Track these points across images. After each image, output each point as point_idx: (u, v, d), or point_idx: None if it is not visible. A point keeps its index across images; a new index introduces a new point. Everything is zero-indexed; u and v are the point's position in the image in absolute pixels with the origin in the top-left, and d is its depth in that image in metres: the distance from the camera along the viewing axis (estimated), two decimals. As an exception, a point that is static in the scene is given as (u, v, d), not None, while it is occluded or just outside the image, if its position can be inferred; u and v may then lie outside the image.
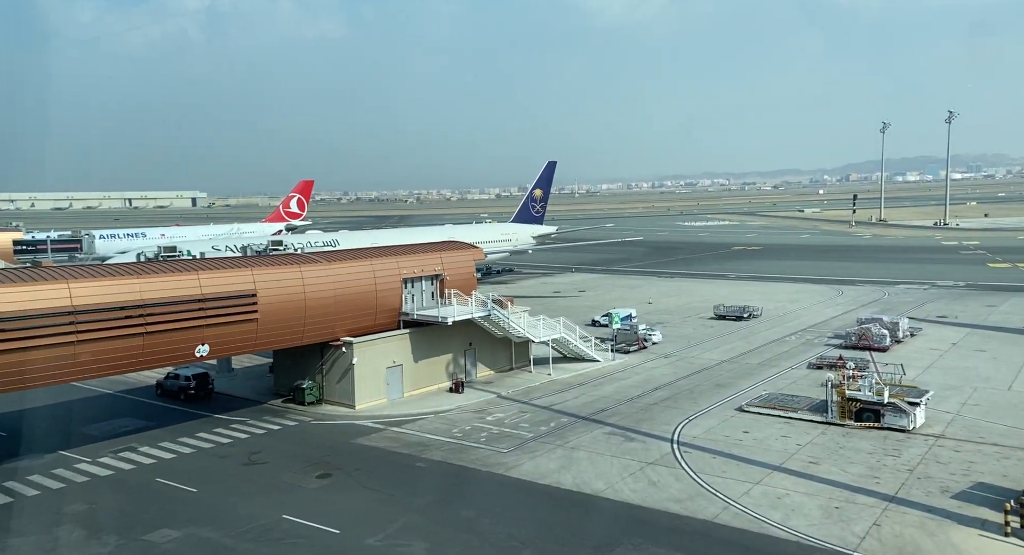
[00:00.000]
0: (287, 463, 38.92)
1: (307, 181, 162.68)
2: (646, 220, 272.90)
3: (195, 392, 51.18)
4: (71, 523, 32.22)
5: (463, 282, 55.22)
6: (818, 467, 36.93)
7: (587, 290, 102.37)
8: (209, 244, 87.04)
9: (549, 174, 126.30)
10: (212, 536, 30.77)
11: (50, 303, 35.94)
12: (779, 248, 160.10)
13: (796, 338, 68.65)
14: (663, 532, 30.26)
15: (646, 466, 37.48)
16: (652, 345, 65.43)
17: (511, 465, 37.91)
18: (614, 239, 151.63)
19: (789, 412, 44.93)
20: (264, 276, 44.89)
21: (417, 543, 29.70)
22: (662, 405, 48.00)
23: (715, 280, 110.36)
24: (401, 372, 50.49)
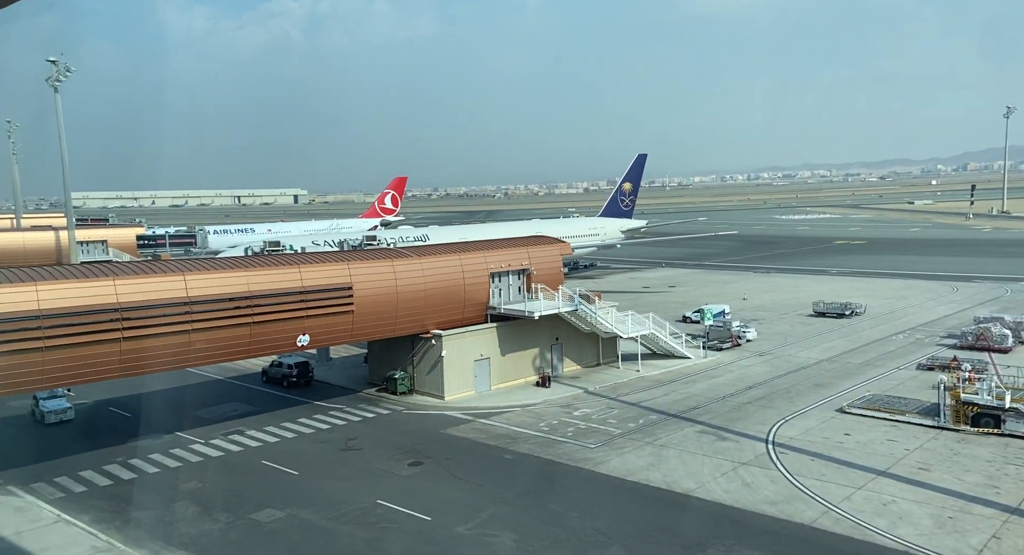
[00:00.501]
0: (381, 450, 40.31)
1: (400, 178, 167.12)
2: (741, 213, 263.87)
3: (297, 380, 53.81)
4: (186, 500, 34.65)
5: (550, 277, 55.31)
6: (929, 474, 34.78)
7: (678, 285, 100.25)
8: (309, 239, 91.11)
9: (639, 167, 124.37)
10: (312, 517, 32.32)
11: (169, 294, 38.69)
12: (886, 242, 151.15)
13: (904, 337, 64.75)
14: (757, 535, 29.35)
15: (739, 466, 36.43)
16: (746, 342, 63.40)
17: (599, 461, 37.75)
18: (707, 233, 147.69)
19: (896, 415, 42.48)
20: (359, 270, 46.55)
21: (505, 534, 30.11)
22: (756, 404, 46.47)
23: (815, 276, 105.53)
24: (488, 365, 51.19)
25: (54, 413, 46.13)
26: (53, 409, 46.25)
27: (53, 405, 46.66)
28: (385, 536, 30.32)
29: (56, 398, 47.26)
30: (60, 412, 46.38)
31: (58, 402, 46.93)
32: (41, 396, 46.75)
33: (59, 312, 35.07)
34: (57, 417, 46.06)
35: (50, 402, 46.82)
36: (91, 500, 34.86)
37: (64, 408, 46.63)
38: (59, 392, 47.23)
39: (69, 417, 46.43)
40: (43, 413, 46.18)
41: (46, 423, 45.71)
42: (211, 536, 30.88)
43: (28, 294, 34.75)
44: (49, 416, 45.95)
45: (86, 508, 33.83)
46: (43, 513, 33.37)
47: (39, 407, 46.82)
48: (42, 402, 46.82)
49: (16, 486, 36.32)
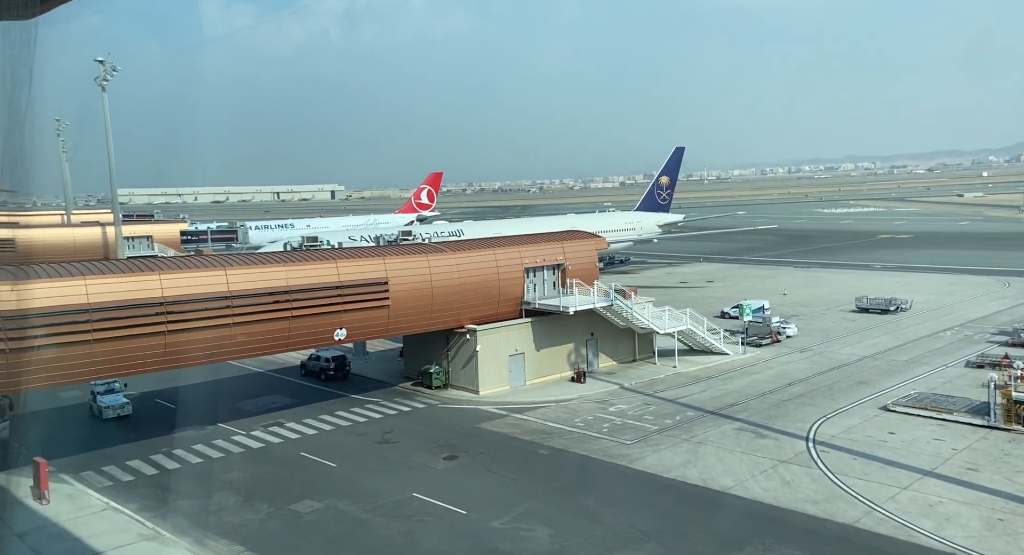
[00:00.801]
0: (416, 444, 40.64)
1: (436, 173, 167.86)
2: (781, 207, 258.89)
3: (334, 373, 54.56)
4: (229, 490, 35.44)
5: (585, 271, 55.01)
6: (978, 474, 33.71)
7: (716, 281, 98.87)
8: (346, 234, 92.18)
9: (676, 160, 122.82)
10: (349, 509, 32.76)
11: (211, 289, 39.54)
12: (933, 236, 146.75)
13: (952, 334, 62.83)
14: (797, 533, 28.82)
15: (779, 464, 35.79)
16: (786, 338, 62.22)
17: (635, 457, 37.48)
18: (746, 227, 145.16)
19: (943, 413, 41.26)
20: (395, 265, 46.93)
21: (540, 528, 30.10)
22: (797, 401, 45.60)
23: (858, 270, 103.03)
24: (523, 360, 51.18)
25: (112, 408, 46.51)
26: (111, 404, 46.61)
27: (110, 400, 47.00)
28: (421, 529, 30.58)
29: (113, 393, 47.70)
30: (118, 407, 46.74)
31: (115, 397, 47.29)
32: (98, 391, 47.37)
33: (107, 306, 36.11)
34: (115, 412, 46.47)
35: (107, 397, 47.18)
36: (138, 489, 35.89)
37: (121, 403, 46.96)
38: (116, 386, 47.68)
39: (127, 412, 46.81)
40: (101, 408, 46.61)
41: (104, 418, 46.26)
42: (252, 526, 31.53)
43: (78, 288, 35.86)
44: (107, 411, 46.38)
45: (133, 496, 34.83)
46: (92, 501, 34.47)
47: (96, 402, 47.26)
48: (99, 397, 47.22)
49: (67, 474, 37.56)
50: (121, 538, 30.38)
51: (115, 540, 30.17)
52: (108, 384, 47.42)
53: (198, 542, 30.15)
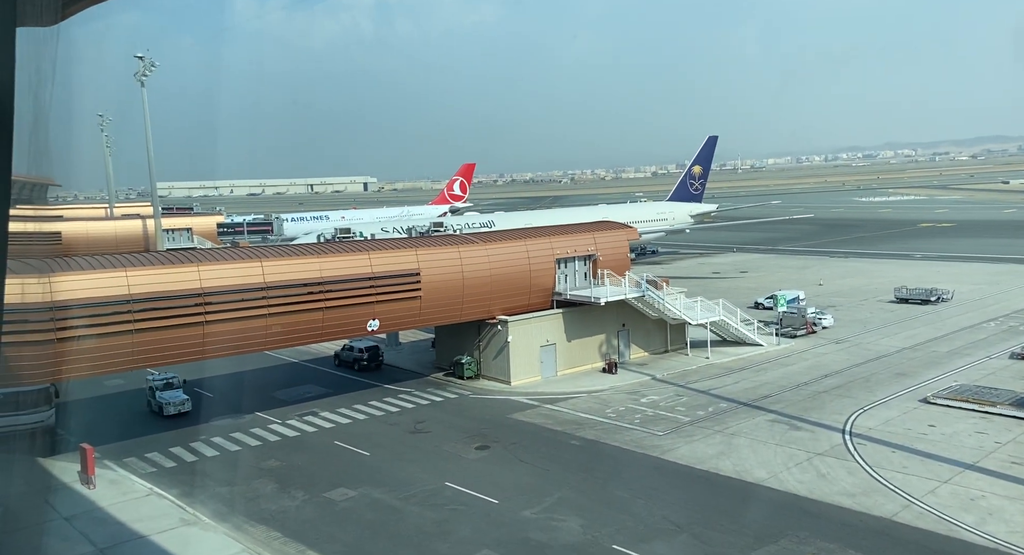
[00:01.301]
0: (448, 433, 40.99)
1: (469, 164, 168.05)
2: (817, 196, 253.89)
3: (367, 363, 55.23)
4: (266, 477, 36.21)
5: (616, 262, 54.71)
6: (1023, 469, 32.84)
7: (749, 271, 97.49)
8: (378, 226, 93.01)
9: (709, 150, 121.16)
10: (383, 497, 33.23)
11: (248, 280, 40.29)
12: (976, 224, 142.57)
13: (996, 325, 61.12)
14: (834, 527, 28.44)
15: (814, 457, 35.31)
16: (822, 330, 61.19)
17: (667, 448, 37.31)
18: (781, 217, 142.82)
19: (986, 406, 40.23)
20: (426, 256, 47.24)
21: (572, 519, 30.18)
22: (833, 393, 44.87)
23: (897, 260, 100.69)
24: (554, 351, 51.19)
25: (173, 405, 45.12)
26: (171, 401, 45.25)
27: (171, 396, 45.70)
28: (454, 517, 30.88)
29: (172, 388, 46.36)
30: (179, 404, 45.29)
31: (175, 394, 45.95)
32: (156, 385, 46.27)
33: (147, 297, 37.05)
34: (176, 409, 45.05)
35: (167, 394, 45.91)
36: (179, 475, 36.87)
37: (182, 399, 45.53)
38: (174, 381, 46.57)
39: (187, 409, 45.38)
40: (161, 405, 45.32)
41: (165, 415, 44.93)
42: (288, 513, 32.18)
43: (119, 280, 36.84)
44: (168, 408, 45.01)
45: (175, 482, 35.80)
46: (136, 486, 35.52)
47: (156, 399, 45.99)
48: (159, 394, 45.88)
49: (111, 461, 38.74)
50: (164, 523, 31.28)
51: (158, 525, 31.07)
52: (165, 379, 46.56)
53: (237, 528, 30.89)
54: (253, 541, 29.55)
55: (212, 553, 28.37)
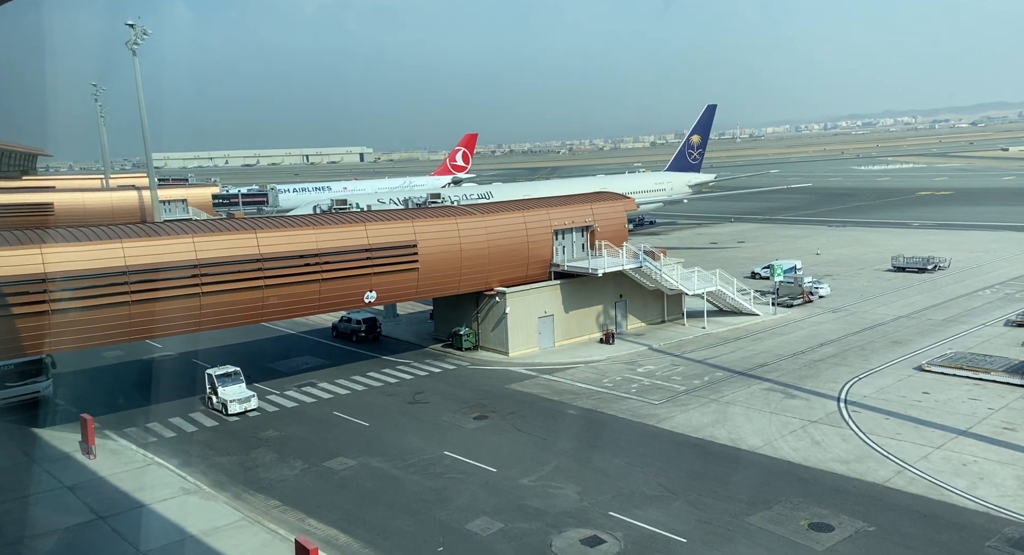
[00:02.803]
0: (447, 404, 41.27)
1: (471, 134, 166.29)
2: (816, 165, 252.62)
3: (365, 335, 55.37)
4: (265, 447, 36.51)
5: (614, 233, 54.55)
6: (1015, 434, 33.26)
7: (747, 241, 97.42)
8: (375, 198, 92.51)
9: (708, 119, 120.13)
10: (382, 466, 33.56)
11: (242, 251, 40.12)
12: (975, 192, 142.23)
13: (991, 292, 61.34)
14: (827, 493, 28.83)
15: (808, 424, 35.66)
16: (819, 299, 61.36)
17: (663, 417, 37.63)
18: (779, 186, 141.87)
19: (980, 373, 40.55)
20: (424, 228, 47.02)
21: (569, 486, 30.55)
22: (828, 362, 45.15)
23: (895, 229, 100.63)
24: (552, 322, 51.31)
25: (238, 402, 40.05)
26: (236, 398, 40.13)
27: (235, 392, 40.41)
28: (452, 486, 31.24)
29: (235, 382, 41.03)
30: (244, 400, 40.27)
31: (239, 389, 40.85)
32: (216, 378, 40.84)
33: (144, 268, 36.92)
34: (242, 407, 40.09)
35: (232, 389, 40.55)
36: (179, 445, 37.17)
37: (247, 395, 40.61)
38: (234, 372, 41.47)
39: (253, 406, 40.66)
40: (225, 403, 40.05)
41: (228, 413, 39.90)
42: (287, 482, 32.52)
43: (115, 251, 36.67)
44: (232, 406, 39.94)
45: (175, 452, 36.10)
46: (136, 456, 35.82)
47: (218, 396, 40.52)
48: (222, 389, 40.40)
49: (111, 430, 39.01)
50: (164, 492, 31.62)
51: (159, 494, 31.40)
52: (225, 370, 41.36)
53: (236, 496, 31.24)
54: (252, 509, 29.91)
55: (212, 521, 28.72)
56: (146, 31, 69.06)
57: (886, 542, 25.29)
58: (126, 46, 69.01)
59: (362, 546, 26.90)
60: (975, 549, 24.68)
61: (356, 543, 27.13)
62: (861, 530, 26.09)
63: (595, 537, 26.55)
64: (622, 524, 27.29)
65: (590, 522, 27.56)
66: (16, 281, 33.98)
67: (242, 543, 27.08)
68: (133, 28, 68.44)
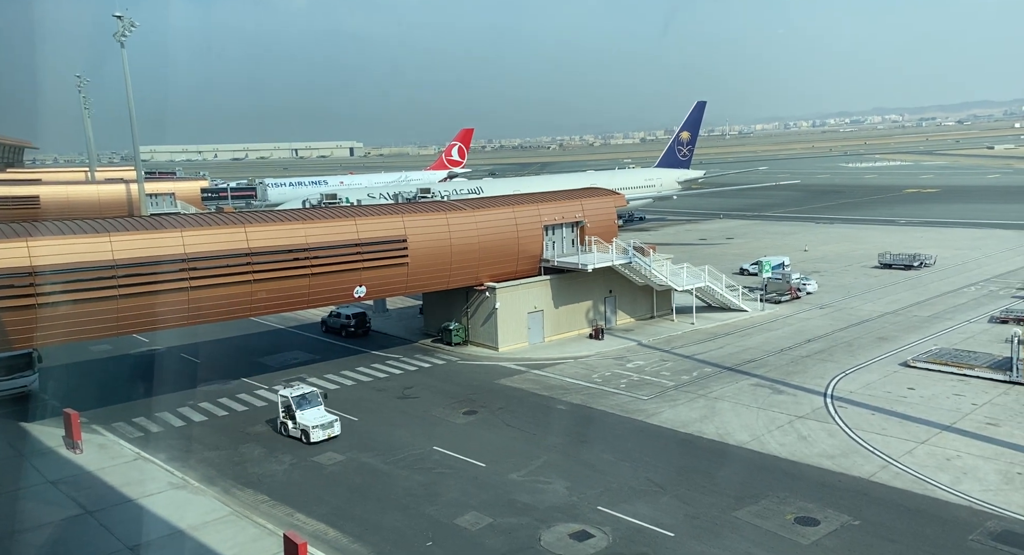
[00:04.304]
0: (436, 399, 41.30)
1: (467, 129, 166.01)
2: (804, 162, 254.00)
3: (355, 330, 55.27)
4: (253, 442, 36.40)
5: (604, 229, 54.68)
6: (997, 429, 33.69)
7: (736, 237, 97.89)
8: (365, 192, 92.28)
9: (698, 115, 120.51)
10: (371, 461, 33.56)
11: (231, 245, 39.91)
12: (961, 190, 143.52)
13: (976, 289, 62.00)
14: (813, 487, 29.12)
15: (795, 420, 35.97)
16: (806, 295, 61.82)
17: (651, 412, 37.83)
18: (767, 183, 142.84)
19: (964, 369, 41.02)
20: (414, 223, 46.94)
21: (558, 481, 30.68)
22: (815, 358, 45.52)
23: (882, 226, 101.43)
24: (542, 317, 51.41)
25: (320, 429, 35.15)
26: (318, 424, 35.24)
27: (315, 417, 35.51)
28: (441, 481, 31.29)
29: (313, 404, 36.11)
30: (327, 426, 35.41)
31: (319, 413, 35.93)
32: (292, 399, 35.77)
33: (131, 262, 36.65)
34: (324, 434, 35.21)
35: (311, 413, 35.68)
36: (167, 440, 37.00)
37: (330, 420, 35.69)
38: (310, 394, 36.60)
39: (337, 432, 35.75)
40: (305, 430, 35.16)
41: (310, 441, 34.99)
42: (276, 476, 32.47)
43: (103, 244, 36.38)
44: (315, 433, 35.03)
45: (163, 447, 35.94)
46: (124, 451, 35.63)
47: (296, 422, 35.52)
48: (301, 413, 35.51)
49: (98, 425, 38.78)
50: (151, 486, 31.47)
51: (146, 488, 31.27)
52: (300, 390, 36.60)
53: (225, 491, 31.15)
54: (241, 504, 29.85)
55: (201, 516, 28.64)
56: (134, 23, 68.39)
57: (871, 536, 25.59)
58: (113, 38, 68.35)
59: (351, 541, 26.92)
60: (958, 542, 25.02)
61: (345, 538, 27.15)
62: (846, 524, 26.38)
63: (584, 532, 26.70)
64: (610, 518, 27.45)
65: (579, 517, 27.70)
66: (2, 274, 33.67)
67: (230, 538, 27.04)
68: (120, 19, 67.77)
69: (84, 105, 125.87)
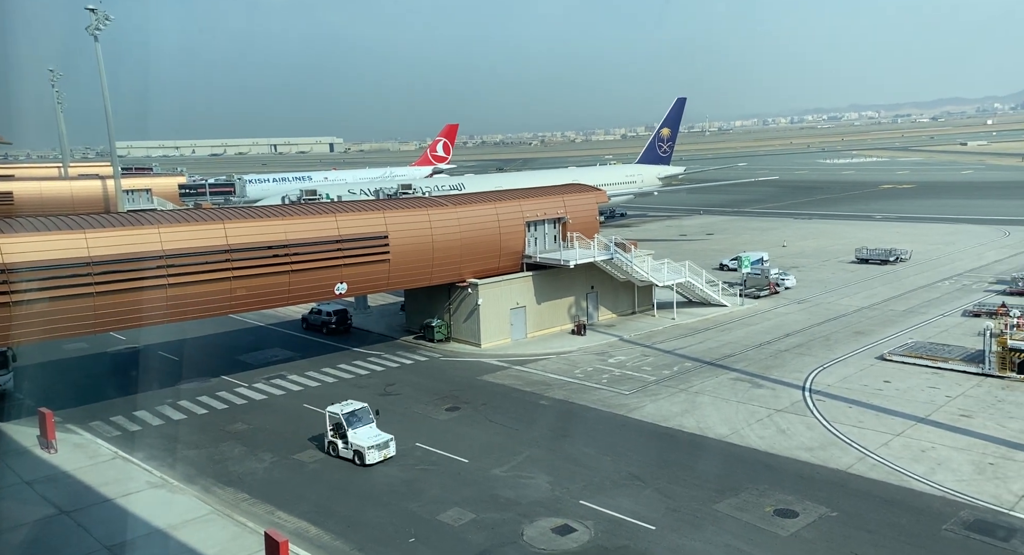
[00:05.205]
0: (419, 395, 41.22)
1: (452, 125, 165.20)
2: (783, 158, 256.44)
3: (336, 327, 54.97)
4: (233, 440, 36.12)
5: (586, 225, 54.84)
6: (971, 421, 34.34)
7: (716, 233, 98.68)
8: (345, 188, 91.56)
9: (678, 112, 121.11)
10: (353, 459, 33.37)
11: (209, 242, 39.47)
12: (935, 186, 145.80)
13: (950, 283, 63.08)
14: (791, 479, 29.50)
15: (774, 413, 36.39)
16: (785, 290, 62.51)
17: (633, 407, 38.07)
18: (746, 179, 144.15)
19: (939, 362, 41.76)
20: (395, 219, 46.73)
21: (540, 476, 30.79)
22: (794, 352, 46.07)
23: (858, 221, 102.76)
24: (524, 313, 51.48)
25: (376, 449, 32.32)
26: (373, 444, 32.35)
27: (369, 437, 32.57)
28: (423, 477, 31.27)
29: (365, 422, 33.33)
30: (382, 446, 32.59)
31: (373, 432, 33.02)
32: (341, 412, 33.14)
33: (108, 259, 36.12)
34: (380, 455, 32.44)
35: (363, 432, 32.78)
36: (146, 438, 36.57)
37: (385, 440, 32.83)
38: (365, 411, 33.72)
39: (393, 453, 32.96)
40: (359, 452, 32.33)
41: (365, 463, 32.14)
42: (256, 474, 32.25)
43: (78, 241, 35.82)
44: (370, 455, 32.15)
45: (141, 446, 35.52)
46: (101, 450, 35.17)
47: (348, 442, 32.64)
48: (354, 432, 32.70)
49: (75, 424, 38.23)
50: (130, 486, 31.12)
51: (124, 488, 30.90)
52: (350, 406, 33.67)
53: (205, 490, 30.89)
54: (221, 503, 29.61)
55: (180, 515, 28.38)
56: (108, 16, 67.30)
57: (848, 527, 25.99)
58: (87, 31, 67.20)
59: (333, 538, 26.83)
60: (932, 532, 25.51)
61: (327, 535, 27.05)
62: (824, 515, 26.77)
63: (566, 526, 26.84)
64: (593, 512, 27.62)
65: (561, 511, 27.84)
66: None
67: (210, 536, 26.83)
68: (94, 13, 66.64)
69: (57, 100, 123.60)
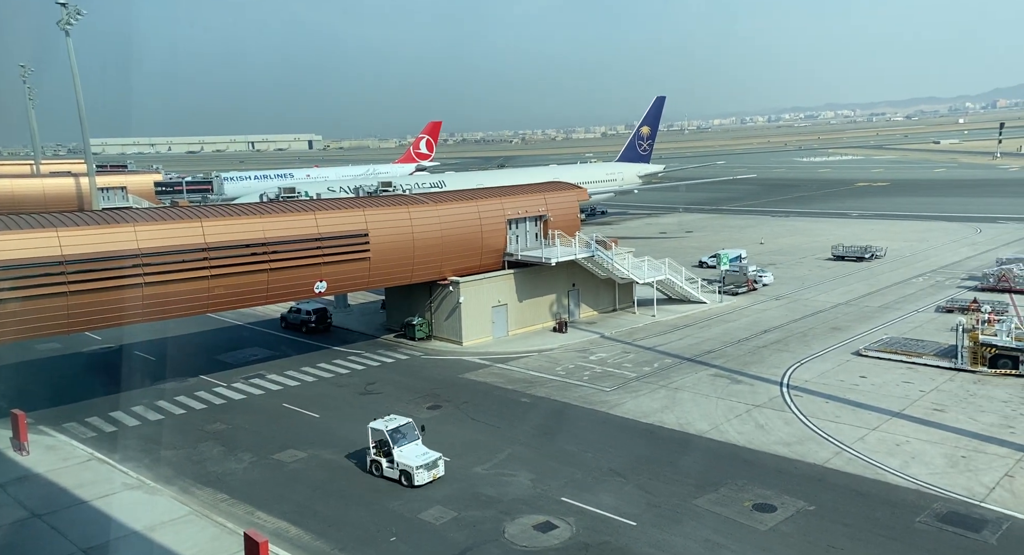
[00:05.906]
0: (400, 394, 41.07)
1: (435, 122, 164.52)
2: (760, 156, 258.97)
3: (315, 325, 54.57)
4: (212, 440, 35.74)
5: (567, 223, 54.97)
6: (944, 415, 34.96)
7: (695, 231, 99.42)
8: (325, 186, 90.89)
9: (657, 110, 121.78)
10: (333, 458, 33.23)
11: (187, 240, 38.97)
12: (909, 183, 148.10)
13: (924, 280, 64.14)
14: (770, 474, 29.84)
15: (753, 409, 36.78)
16: (763, 287, 63.16)
17: (614, 403, 38.26)
18: (725, 177, 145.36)
19: (913, 357, 42.46)
20: (375, 217, 46.47)
21: (522, 473, 30.84)
22: (772, 348, 46.57)
23: (834, 219, 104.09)
24: (506, 311, 51.50)
25: (424, 470, 29.89)
26: (422, 463, 29.93)
27: (416, 456, 30.23)
28: (405, 475, 31.10)
29: (411, 439, 30.98)
30: (431, 466, 30.15)
31: (420, 450, 30.70)
32: (387, 432, 30.56)
33: (81, 258, 35.52)
34: (430, 475, 30.03)
35: (410, 450, 30.46)
36: (122, 440, 36.03)
37: (434, 458, 30.41)
38: (409, 428, 31.25)
39: (441, 473, 30.48)
40: (407, 472, 29.91)
41: (413, 485, 29.76)
42: (236, 475, 31.94)
43: (50, 240, 35.16)
44: (419, 476, 29.75)
45: (117, 447, 35.01)
46: (76, 452, 34.61)
47: (394, 462, 30.27)
48: (399, 452, 30.32)
49: (49, 426, 37.59)
50: (105, 487, 30.67)
51: (99, 490, 30.45)
52: (395, 421, 31.21)
53: (183, 490, 30.53)
54: (200, 504, 29.30)
55: (159, 516, 28.02)
56: (80, 11, 66.07)
57: (825, 520, 26.36)
58: (58, 26, 65.93)
59: (313, 538, 26.66)
60: (907, 524, 25.95)
61: (307, 535, 26.87)
62: (802, 509, 27.12)
63: (548, 523, 26.92)
64: (574, 509, 27.73)
65: (543, 508, 27.91)
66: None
67: (189, 538, 26.54)
68: (65, 7, 65.39)
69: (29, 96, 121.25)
